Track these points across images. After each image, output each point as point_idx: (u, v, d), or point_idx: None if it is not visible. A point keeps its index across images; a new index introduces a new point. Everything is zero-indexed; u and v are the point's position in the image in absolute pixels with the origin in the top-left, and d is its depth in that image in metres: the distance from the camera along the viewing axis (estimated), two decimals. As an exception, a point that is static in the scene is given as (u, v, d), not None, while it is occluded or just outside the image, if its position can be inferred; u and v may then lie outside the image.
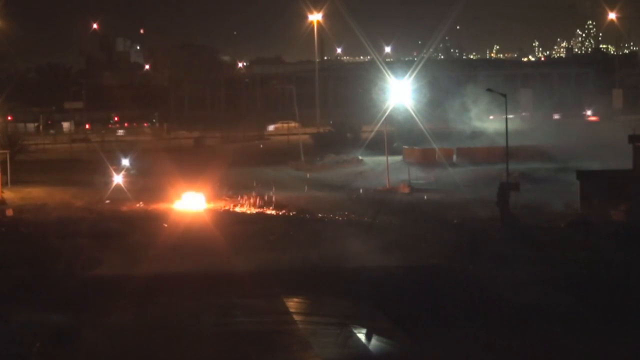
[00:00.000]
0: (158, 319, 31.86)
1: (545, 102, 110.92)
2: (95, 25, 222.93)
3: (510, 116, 59.64)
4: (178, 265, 41.35)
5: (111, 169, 71.02)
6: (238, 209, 58.25)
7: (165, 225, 51.51)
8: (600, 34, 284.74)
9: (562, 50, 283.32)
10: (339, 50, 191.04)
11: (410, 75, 77.56)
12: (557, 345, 28.29)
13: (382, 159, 75.35)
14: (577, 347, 28.07)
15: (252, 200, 59.57)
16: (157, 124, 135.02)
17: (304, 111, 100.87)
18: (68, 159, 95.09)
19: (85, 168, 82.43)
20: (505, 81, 67.64)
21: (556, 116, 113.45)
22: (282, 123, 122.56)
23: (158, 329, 30.48)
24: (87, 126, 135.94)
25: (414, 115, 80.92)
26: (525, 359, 27.67)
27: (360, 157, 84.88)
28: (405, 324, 30.39)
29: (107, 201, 61.59)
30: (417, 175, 71.85)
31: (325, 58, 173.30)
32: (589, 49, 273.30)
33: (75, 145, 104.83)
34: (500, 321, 30.78)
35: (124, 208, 59.16)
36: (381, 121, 78.06)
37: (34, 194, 67.08)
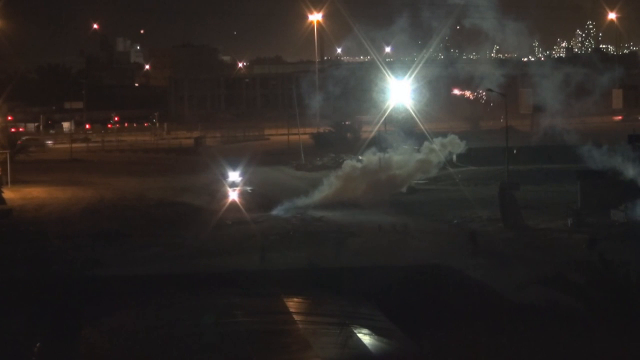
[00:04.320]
0: (158, 319, 31.85)
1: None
2: (95, 25, 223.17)
3: None
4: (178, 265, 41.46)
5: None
6: None
7: None
8: (600, 34, 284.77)
9: (562, 50, 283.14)
10: (339, 50, 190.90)
11: (410, 76, 77.53)
12: (557, 345, 28.27)
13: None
14: (578, 347, 28.05)
15: None
16: (157, 124, 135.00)
17: (304, 111, 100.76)
18: (68, 159, 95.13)
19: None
20: (505, 81, 67.53)
21: None
22: None
23: (158, 329, 30.45)
24: (87, 126, 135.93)
25: (414, 115, 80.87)
26: (525, 359, 27.65)
27: (360, 157, 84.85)
28: (405, 324, 30.37)
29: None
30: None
31: (326, 58, 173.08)
32: (589, 49, 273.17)
33: (75, 145, 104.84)
34: (500, 321, 30.76)
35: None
36: (381, 121, 78.03)
37: (34, 194, 67.08)
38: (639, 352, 27.88)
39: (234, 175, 59.77)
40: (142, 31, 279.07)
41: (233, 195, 57.93)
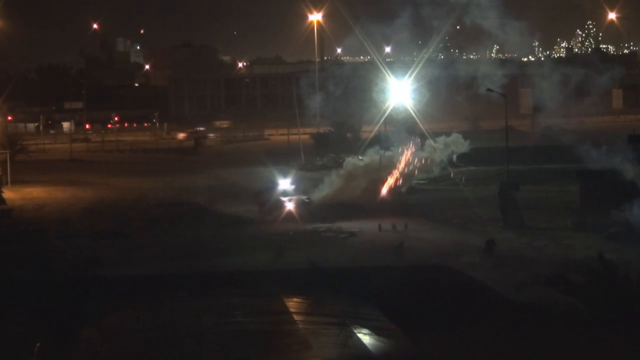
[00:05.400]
0: (158, 319, 31.84)
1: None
2: (95, 25, 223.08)
3: None
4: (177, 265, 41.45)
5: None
6: None
7: None
8: (600, 34, 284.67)
9: (562, 50, 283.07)
10: (339, 50, 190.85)
11: (410, 75, 77.54)
12: (557, 345, 28.27)
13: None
14: (577, 347, 28.05)
15: None
16: (157, 124, 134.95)
17: (304, 111, 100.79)
18: (68, 159, 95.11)
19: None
20: (505, 81, 67.52)
21: None
22: None
23: (158, 329, 30.45)
24: (87, 126, 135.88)
25: (414, 115, 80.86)
26: (525, 359, 27.65)
27: (360, 157, 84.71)
28: (405, 324, 30.36)
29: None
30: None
31: (326, 58, 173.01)
32: (589, 49, 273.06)
33: (75, 145, 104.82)
34: (500, 321, 30.76)
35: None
36: (381, 121, 77.97)
37: (34, 194, 67.07)
38: (638, 352, 27.88)
39: (285, 183, 55.98)
40: (142, 31, 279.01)
41: (289, 205, 53.68)
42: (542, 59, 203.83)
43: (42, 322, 31.31)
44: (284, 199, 54.25)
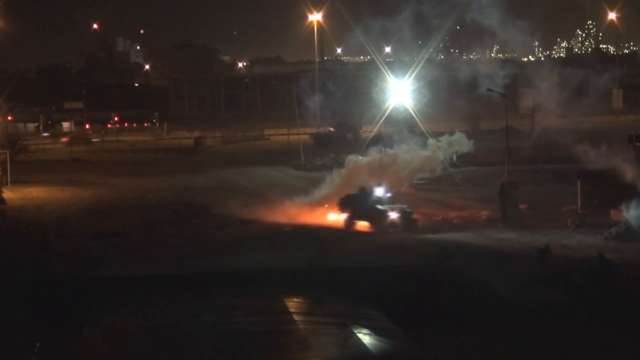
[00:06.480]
0: (158, 319, 31.85)
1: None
2: (95, 25, 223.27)
3: None
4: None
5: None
6: None
7: None
8: (600, 34, 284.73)
9: (562, 50, 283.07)
10: (339, 50, 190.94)
11: (410, 76, 77.52)
12: (556, 345, 28.29)
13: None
14: (577, 346, 28.07)
15: None
16: (157, 124, 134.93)
17: (304, 112, 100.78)
18: (68, 159, 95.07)
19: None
20: (505, 81, 67.41)
21: None
22: None
23: (158, 329, 30.46)
24: (87, 126, 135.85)
25: (414, 115, 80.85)
26: (525, 359, 27.66)
27: (360, 157, 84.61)
28: (405, 324, 30.37)
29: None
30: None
31: (326, 58, 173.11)
32: (589, 49, 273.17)
33: (75, 145, 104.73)
34: (500, 321, 30.77)
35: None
36: (381, 121, 77.99)
37: (34, 194, 67.05)
38: (638, 352, 27.90)
39: (379, 191, 53.51)
40: (142, 31, 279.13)
41: (393, 215, 51.90)
42: (542, 59, 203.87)
43: (42, 322, 31.31)
44: (382, 207, 52.44)
